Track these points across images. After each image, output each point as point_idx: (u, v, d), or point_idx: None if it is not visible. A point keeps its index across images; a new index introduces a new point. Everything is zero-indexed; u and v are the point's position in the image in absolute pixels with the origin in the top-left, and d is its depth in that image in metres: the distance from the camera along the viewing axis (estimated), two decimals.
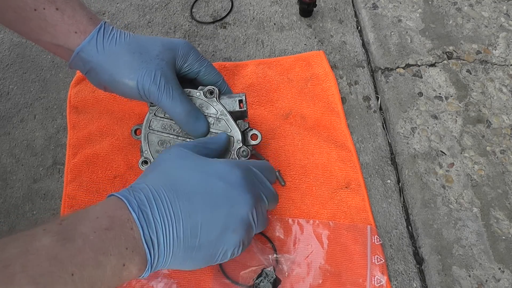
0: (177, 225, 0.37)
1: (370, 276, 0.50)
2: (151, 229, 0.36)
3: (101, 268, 0.33)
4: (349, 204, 0.54)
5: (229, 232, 0.40)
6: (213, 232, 0.39)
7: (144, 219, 0.36)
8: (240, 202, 0.40)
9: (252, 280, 0.48)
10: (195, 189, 0.39)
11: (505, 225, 0.53)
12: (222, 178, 0.40)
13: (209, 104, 0.51)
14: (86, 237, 0.33)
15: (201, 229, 0.38)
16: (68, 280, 0.31)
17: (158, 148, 0.52)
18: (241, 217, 0.40)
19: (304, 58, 0.66)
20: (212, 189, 0.40)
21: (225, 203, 0.39)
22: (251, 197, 0.41)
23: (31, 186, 0.58)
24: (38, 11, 0.45)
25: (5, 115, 0.64)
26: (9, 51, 0.70)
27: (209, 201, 0.39)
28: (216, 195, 0.39)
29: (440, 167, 0.57)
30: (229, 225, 0.39)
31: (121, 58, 0.47)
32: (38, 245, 0.31)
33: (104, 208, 0.37)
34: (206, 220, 0.38)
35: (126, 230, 0.35)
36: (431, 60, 0.66)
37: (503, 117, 0.61)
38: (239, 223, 0.40)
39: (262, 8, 0.73)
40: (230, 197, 0.40)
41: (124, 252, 0.34)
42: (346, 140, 0.59)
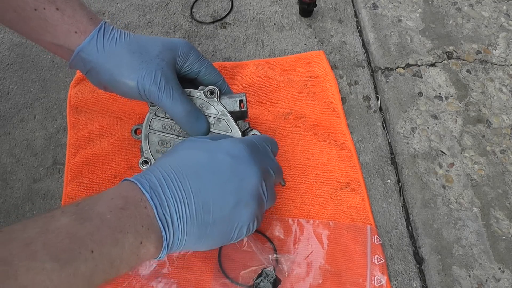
0: (188, 202, 0.38)
1: (370, 276, 0.50)
2: (164, 207, 0.37)
3: (119, 246, 0.34)
4: (349, 204, 0.54)
5: (242, 206, 0.40)
6: (226, 207, 0.40)
7: (157, 198, 0.37)
8: (249, 175, 0.41)
9: (252, 280, 0.48)
10: (203, 167, 0.40)
11: (505, 225, 0.53)
12: (228, 153, 0.41)
13: (210, 104, 0.52)
14: (103, 216, 0.34)
15: (213, 205, 0.39)
16: (88, 257, 0.32)
17: (159, 148, 0.52)
18: (251, 190, 0.41)
19: (304, 58, 0.66)
20: (220, 165, 0.40)
21: (234, 177, 0.40)
22: (258, 170, 0.41)
23: (31, 186, 0.58)
24: (38, 11, 0.45)
25: (5, 115, 0.64)
26: (9, 51, 0.70)
27: (218, 176, 0.40)
28: (224, 170, 0.40)
29: (440, 167, 0.57)
30: (241, 199, 0.40)
31: (122, 58, 0.47)
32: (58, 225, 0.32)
33: (118, 190, 0.38)
34: (217, 195, 0.39)
35: (141, 209, 0.36)
36: (431, 60, 0.66)
37: (503, 117, 0.61)
38: (250, 196, 0.41)
39: (262, 8, 0.73)
40: (238, 171, 0.41)
41: (140, 230, 0.35)
42: (346, 140, 0.59)
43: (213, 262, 0.51)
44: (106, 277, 0.34)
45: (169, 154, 0.43)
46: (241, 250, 0.51)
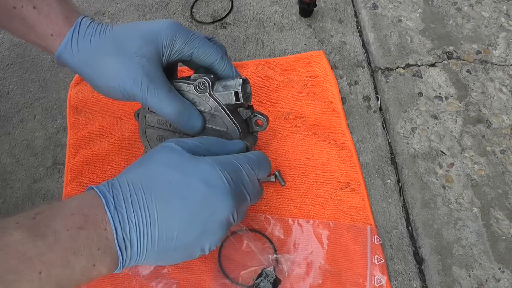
0: (152, 228, 0.36)
1: (370, 276, 0.50)
2: (125, 231, 0.35)
3: (70, 268, 0.33)
4: (349, 204, 0.54)
5: (208, 235, 0.38)
6: (190, 236, 0.38)
7: (119, 220, 0.35)
8: (221, 208, 0.38)
9: (252, 280, 0.48)
10: (174, 192, 0.37)
11: (505, 225, 0.53)
12: (204, 181, 0.38)
13: (202, 99, 0.46)
14: (58, 234, 0.32)
15: (177, 233, 0.37)
16: (35, 279, 0.31)
17: (158, 143, 0.50)
18: (220, 221, 0.38)
19: (304, 58, 0.66)
20: (193, 193, 0.37)
21: (204, 209, 0.38)
22: (233, 203, 0.38)
23: (31, 186, 0.58)
24: (17, 9, 0.42)
25: (5, 115, 0.64)
26: (9, 51, 0.70)
27: (188, 206, 0.37)
28: (196, 200, 0.37)
29: (440, 167, 0.57)
30: (208, 228, 0.38)
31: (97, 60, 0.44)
32: (8, 240, 0.31)
33: (80, 204, 0.35)
34: (184, 225, 0.37)
35: (100, 230, 0.34)
36: (431, 60, 0.66)
37: (503, 117, 0.61)
38: (218, 226, 0.39)
39: (262, 8, 0.73)
40: (211, 203, 0.38)
41: (95, 253, 0.34)
42: (346, 140, 0.59)
43: (213, 262, 0.51)
44: None
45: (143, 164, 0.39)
46: (241, 250, 0.51)
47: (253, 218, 0.53)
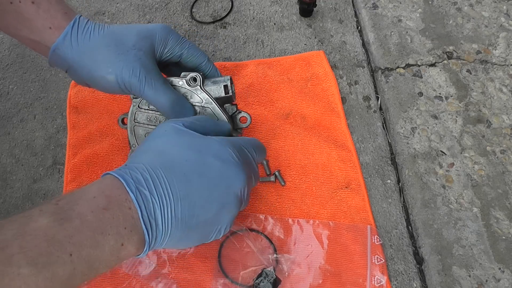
0: (175, 205, 0.37)
1: (370, 276, 0.50)
2: (149, 210, 0.36)
3: (99, 248, 0.33)
4: (349, 204, 0.54)
5: (225, 211, 0.40)
6: (210, 211, 0.39)
7: (142, 199, 0.36)
8: (236, 181, 0.40)
9: (252, 280, 0.48)
10: (192, 169, 0.39)
11: (505, 225, 0.53)
12: (217, 156, 0.40)
13: (193, 92, 0.49)
14: (84, 216, 0.33)
15: (198, 209, 0.38)
16: (67, 260, 0.31)
17: None
18: (235, 195, 0.40)
19: (304, 58, 0.66)
20: (209, 169, 0.39)
21: (221, 182, 0.39)
22: (245, 176, 0.41)
23: (31, 186, 0.58)
24: (14, 4, 0.44)
25: (5, 115, 0.64)
26: (9, 51, 0.70)
27: (206, 180, 0.39)
28: (213, 175, 0.39)
29: (440, 167, 0.57)
30: (225, 203, 0.40)
31: (97, 52, 0.45)
32: (35, 226, 0.31)
33: (100, 187, 0.36)
34: (204, 200, 0.38)
35: (124, 209, 0.35)
36: (431, 60, 0.66)
37: (503, 117, 0.61)
38: (233, 201, 0.40)
39: (262, 8, 0.73)
40: (226, 176, 0.40)
41: (122, 232, 0.34)
42: (346, 140, 0.59)
43: (213, 262, 0.51)
44: (84, 279, 0.33)
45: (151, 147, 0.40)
46: (241, 250, 0.51)
47: (253, 218, 0.53)
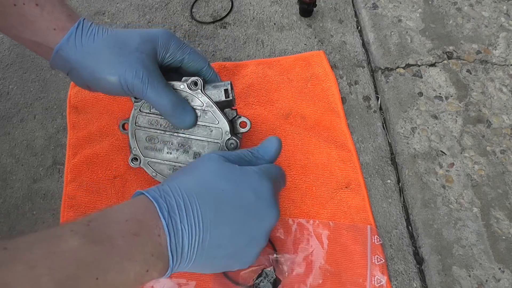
0: (203, 235, 0.37)
1: (370, 276, 0.50)
2: (178, 238, 0.36)
3: (125, 273, 0.33)
4: (349, 204, 0.54)
5: (253, 245, 0.39)
6: (239, 244, 0.39)
7: (173, 226, 0.36)
8: (269, 217, 0.40)
9: (252, 280, 0.48)
10: (226, 200, 0.38)
11: (505, 225, 0.53)
12: (254, 190, 0.39)
13: (194, 96, 0.50)
14: (114, 241, 0.33)
15: (226, 241, 0.38)
16: (93, 284, 0.31)
17: (147, 144, 0.51)
18: (266, 231, 0.40)
19: (304, 58, 0.66)
20: (244, 202, 0.39)
21: (254, 217, 0.39)
22: (277, 212, 0.40)
23: (31, 186, 0.58)
24: (17, 6, 0.44)
25: (5, 115, 0.64)
26: (9, 51, 0.70)
27: (239, 214, 0.38)
28: (247, 208, 0.39)
29: (440, 167, 0.57)
30: (254, 238, 0.39)
31: (101, 54, 0.46)
32: (65, 247, 0.31)
33: (133, 210, 0.36)
34: (233, 232, 0.38)
35: (154, 236, 0.35)
36: (431, 60, 0.66)
37: (503, 117, 0.61)
38: (263, 236, 0.40)
39: (262, 8, 0.73)
40: (260, 212, 0.39)
41: (149, 259, 0.34)
42: (346, 140, 0.59)
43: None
44: None
45: (192, 172, 0.40)
46: None
47: None
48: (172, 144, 0.51)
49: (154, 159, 0.51)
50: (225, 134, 0.51)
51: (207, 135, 0.51)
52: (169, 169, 0.51)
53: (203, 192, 0.38)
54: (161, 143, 0.51)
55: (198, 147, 0.51)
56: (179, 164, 0.51)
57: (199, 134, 0.51)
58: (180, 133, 0.51)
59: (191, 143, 0.51)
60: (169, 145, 0.51)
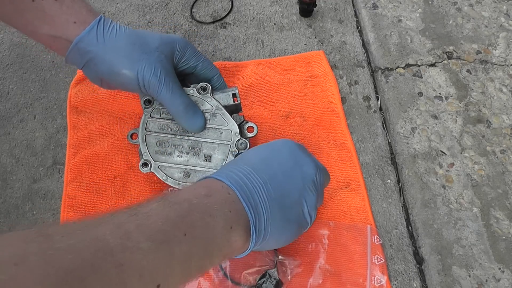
0: (266, 187, 0.39)
1: (370, 276, 0.50)
2: (245, 191, 0.38)
3: (211, 229, 0.34)
4: (349, 204, 0.54)
5: (308, 191, 0.42)
6: (296, 190, 0.41)
7: (238, 184, 0.38)
8: (306, 163, 0.43)
9: (255, 281, 0.48)
10: (268, 158, 0.42)
11: (505, 225, 0.53)
12: (285, 146, 0.44)
13: (204, 100, 0.52)
14: (190, 201, 0.35)
15: (286, 189, 0.41)
16: (182, 239, 0.31)
17: (157, 148, 0.52)
18: (311, 176, 0.43)
19: (304, 58, 0.66)
20: (282, 156, 0.43)
21: (295, 164, 0.43)
22: (311, 160, 0.44)
23: (31, 186, 0.58)
24: (36, 2, 0.45)
25: (5, 115, 0.64)
26: (9, 51, 0.70)
27: (283, 165, 0.42)
28: (287, 159, 0.43)
29: (440, 167, 0.57)
30: (305, 183, 0.42)
31: (122, 49, 0.47)
32: (147, 209, 0.32)
33: (197, 183, 0.39)
34: (287, 180, 0.41)
35: (225, 195, 0.37)
36: (431, 60, 0.66)
37: (503, 117, 0.61)
38: (311, 182, 0.43)
39: (262, 8, 0.73)
40: (297, 160, 0.43)
41: (228, 215, 0.36)
42: (346, 140, 0.59)
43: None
44: (200, 265, 0.33)
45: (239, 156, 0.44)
46: None
47: None
48: (183, 148, 0.52)
49: (165, 163, 0.52)
50: (235, 136, 0.52)
51: (217, 137, 0.52)
52: (179, 172, 0.52)
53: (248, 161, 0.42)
54: (171, 147, 0.52)
55: (209, 149, 0.52)
56: (190, 167, 0.52)
57: (209, 137, 0.52)
58: (190, 136, 0.52)
59: (202, 146, 0.52)
60: (179, 149, 0.52)
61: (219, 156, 0.52)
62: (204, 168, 0.52)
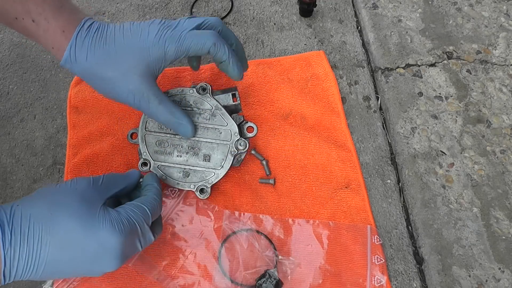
0: (40, 264, 0.38)
1: (370, 276, 0.50)
2: (13, 246, 0.36)
3: None
4: (349, 204, 0.54)
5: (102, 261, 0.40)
6: (77, 274, 0.41)
7: (11, 248, 0.36)
8: (107, 267, 0.40)
9: (255, 280, 0.48)
10: (70, 242, 0.39)
11: (505, 225, 0.53)
12: (101, 244, 0.39)
13: (203, 100, 0.53)
14: None
15: (63, 274, 0.40)
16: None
17: (157, 148, 0.52)
18: (101, 273, 0.41)
19: (304, 58, 0.66)
20: (86, 248, 0.39)
21: (92, 263, 0.40)
22: (119, 263, 0.41)
23: (31, 186, 0.58)
24: (18, 20, 0.44)
25: (5, 115, 0.64)
26: (9, 51, 0.70)
27: (79, 258, 0.39)
28: (88, 255, 0.39)
29: (440, 167, 0.57)
30: (94, 273, 0.41)
31: (96, 74, 0.46)
32: None
33: None
34: (70, 270, 0.40)
35: None
36: (431, 60, 0.66)
37: (503, 117, 0.61)
38: (100, 274, 0.41)
39: (262, 8, 0.73)
40: (100, 260, 0.40)
41: None
42: (346, 140, 0.59)
43: (213, 262, 0.51)
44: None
45: (51, 201, 0.40)
46: (242, 250, 0.51)
47: (253, 218, 0.53)
48: (182, 147, 0.52)
49: (164, 163, 0.52)
50: (234, 136, 0.52)
51: (216, 137, 0.52)
52: (179, 172, 0.52)
53: (50, 221, 0.38)
54: (171, 146, 0.52)
55: (208, 149, 0.52)
56: (189, 167, 0.52)
57: (208, 136, 0.52)
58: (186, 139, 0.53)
59: (201, 146, 0.52)
60: (179, 148, 0.52)
61: (218, 156, 0.52)
62: (203, 168, 0.52)
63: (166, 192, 0.54)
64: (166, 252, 0.51)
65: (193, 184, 0.52)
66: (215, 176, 0.52)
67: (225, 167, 0.52)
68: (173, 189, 0.54)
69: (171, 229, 0.53)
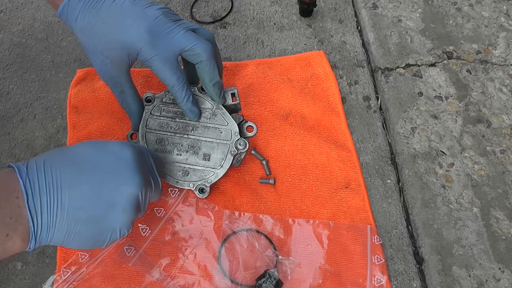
0: (62, 194, 0.37)
1: (370, 276, 0.50)
2: (35, 196, 0.36)
3: None
4: (349, 204, 0.54)
5: (119, 211, 0.39)
6: (100, 207, 0.38)
7: (30, 186, 0.36)
8: (129, 181, 0.40)
9: (255, 280, 0.48)
10: (86, 161, 0.39)
11: (505, 225, 0.53)
12: (113, 154, 0.40)
13: (204, 99, 0.53)
14: None
15: (86, 202, 0.38)
16: None
17: (157, 146, 0.52)
18: (130, 196, 0.40)
19: (304, 58, 0.66)
20: (103, 163, 0.39)
21: (113, 178, 0.39)
22: (140, 178, 0.40)
23: None
24: None
25: (5, 115, 0.64)
26: (9, 51, 0.70)
27: (98, 174, 0.39)
28: (106, 169, 0.39)
29: (440, 167, 0.57)
30: (118, 202, 0.39)
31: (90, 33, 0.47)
32: None
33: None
34: (94, 192, 0.38)
35: (12, 199, 0.35)
36: (431, 60, 0.66)
37: (503, 117, 0.61)
38: (128, 202, 0.40)
39: (262, 8, 0.73)
40: (119, 174, 0.39)
41: (8, 222, 0.34)
42: (346, 140, 0.59)
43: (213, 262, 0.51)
44: None
45: (61, 147, 0.42)
46: (242, 250, 0.51)
47: (253, 218, 0.53)
48: (182, 146, 0.52)
49: (164, 161, 0.52)
50: (235, 135, 0.52)
51: (216, 136, 0.52)
52: (178, 170, 0.52)
53: (64, 156, 0.39)
54: (171, 145, 0.52)
55: (208, 148, 0.52)
56: (189, 166, 0.52)
57: (208, 136, 0.52)
58: (190, 135, 0.53)
59: (201, 145, 0.52)
60: (179, 147, 0.52)
61: (218, 156, 0.52)
62: (203, 167, 0.52)
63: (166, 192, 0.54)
64: (166, 252, 0.51)
65: (192, 183, 0.52)
66: (214, 176, 0.52)
67: (225, 167, 0.52)
68: (173, 189, 0.54)
69: (171, 229, 0.53)
